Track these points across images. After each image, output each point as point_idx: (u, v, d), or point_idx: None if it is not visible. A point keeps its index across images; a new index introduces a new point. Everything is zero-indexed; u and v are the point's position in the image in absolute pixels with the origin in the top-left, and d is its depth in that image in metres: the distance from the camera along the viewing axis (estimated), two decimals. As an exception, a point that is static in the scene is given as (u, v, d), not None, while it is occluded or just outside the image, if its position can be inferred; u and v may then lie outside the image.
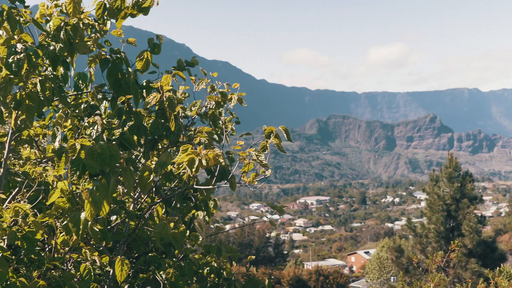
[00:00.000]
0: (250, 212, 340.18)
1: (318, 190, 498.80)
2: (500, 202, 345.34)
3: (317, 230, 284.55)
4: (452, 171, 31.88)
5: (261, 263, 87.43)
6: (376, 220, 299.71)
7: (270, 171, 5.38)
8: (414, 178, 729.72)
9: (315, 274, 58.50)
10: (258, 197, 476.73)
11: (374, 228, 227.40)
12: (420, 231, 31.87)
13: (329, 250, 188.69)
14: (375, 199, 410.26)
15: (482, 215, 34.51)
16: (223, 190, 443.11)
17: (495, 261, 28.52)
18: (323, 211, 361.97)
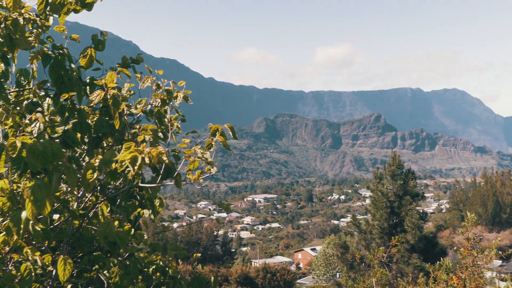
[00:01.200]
0: (198, 211, 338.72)
1: (265, 188, 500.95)
2: (441, 198, 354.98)
3: (264, 227, 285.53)
4: (395, 169, 32.62)
5: (209, 261, 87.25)
6: (323, 217, 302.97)
7: (216, 168, 5.39)
8: (359, 176, 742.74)
9: (263, 271, 58.79)
10: (206, 195, 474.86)
11: (320, 225, 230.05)
12: (364, 227, 32.50)
13: (276, 248, 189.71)
14: (322, 197, 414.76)
15: (424, 211, 35.45)
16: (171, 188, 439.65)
17: (436, 255, 29.35)
18: (271, 208, 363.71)
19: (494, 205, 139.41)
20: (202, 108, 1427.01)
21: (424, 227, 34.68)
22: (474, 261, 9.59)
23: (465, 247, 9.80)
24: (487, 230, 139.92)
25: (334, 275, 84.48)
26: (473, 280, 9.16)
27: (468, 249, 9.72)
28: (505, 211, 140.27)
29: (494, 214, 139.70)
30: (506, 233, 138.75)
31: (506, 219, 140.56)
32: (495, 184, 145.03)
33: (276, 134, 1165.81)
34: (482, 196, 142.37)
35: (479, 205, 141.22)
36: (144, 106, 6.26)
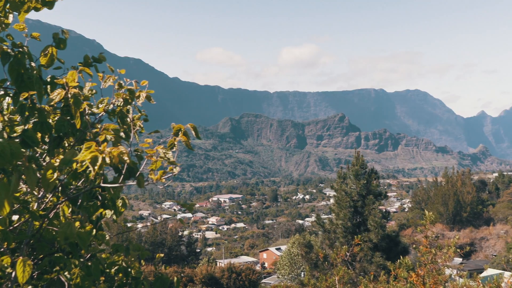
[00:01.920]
0: (162, 211, 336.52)
1: (231, 188, 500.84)
2: (403, 198, 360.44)
3: (230, 227, 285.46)
4: (358, 169, 32.97)
5: (173, 262, 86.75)
6: (288, 217, 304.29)
7: (178, 168, 5.37)
8: (324, 175, 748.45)
9: (228, 271, 58.74)
10: (170, 195, 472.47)
11: (285, 225, 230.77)
12: (328, 227, 32.75)
13: (241, 248, 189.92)
14: (287, 197, 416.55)
15: (387, 210, 35.94)
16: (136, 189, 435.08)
17: (399, 254, 29.78)
18: (236, 209, 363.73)
19: (455, 204, 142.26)
20: (166, 108, 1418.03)
21: (386, 226, 35.14)
22: (433, 259, 9.79)
23: (424, 245, 10.00)
24: (448, 228, 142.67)
25: (299, 274, 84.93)
26: (431, 277, 9.35)
27: (427, 247, 9.92)
28: (465, 209, 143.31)
29: (455, 212, 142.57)
30: (466, 231, 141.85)
31: (466, 218, 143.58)
32: (455, 184, 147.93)
33: (241, 134, 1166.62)
34: (443, 195, 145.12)
35: (440, 204, 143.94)
36: (106, 106, 6.20)
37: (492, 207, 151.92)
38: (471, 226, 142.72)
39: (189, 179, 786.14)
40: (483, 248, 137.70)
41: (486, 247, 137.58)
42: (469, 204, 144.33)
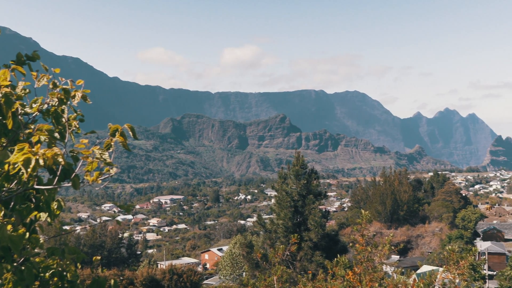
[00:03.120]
0: (102, 213, 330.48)
1: (172, 189, 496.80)
2: (343, 197, 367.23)
3: (171, 229, 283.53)
4: (299, 169, 33.31)
5: (113, 265, 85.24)
6: (229, 217, 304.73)
7: (115, 169, 5.29)
8: (265, 176, 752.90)
9: (169, 273, 58.22)
10: (110, 197, 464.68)
11: (227, 225, 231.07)
12: (269, 226, 32.97)
13: (183, 249, 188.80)
14: (228, 197, 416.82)
15: (327, 210, 36.54)
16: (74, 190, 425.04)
17: (338, 252, 30.27)
18: (177, 210, 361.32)
19: (392, 202, 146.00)
20: (106, 108, 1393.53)
21: (326, 225, 35.67)
22: (369, 257, 10.01)
23: (360, 243, 10.21)
24: (386, 227, 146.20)
25: (241, 275, 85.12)
26: (368, 274, 9.55)
27: (363, 245, 10.13)
28: (402, 208, 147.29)
29: (392, 211, 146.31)
30: (403, 229, 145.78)
31: (403, 216, 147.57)
32: (393, 183, 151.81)
33: (182, 134, 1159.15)
34: (381, 194, 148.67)
35: (378, 203, 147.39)
36: (40, 106, 6.04)
37: (428, 206, 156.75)
38: (407, 224, 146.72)
39: (130, 180, 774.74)
40: (419, 245, 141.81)
41: (422, 244, 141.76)
42: (406, 203, 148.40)
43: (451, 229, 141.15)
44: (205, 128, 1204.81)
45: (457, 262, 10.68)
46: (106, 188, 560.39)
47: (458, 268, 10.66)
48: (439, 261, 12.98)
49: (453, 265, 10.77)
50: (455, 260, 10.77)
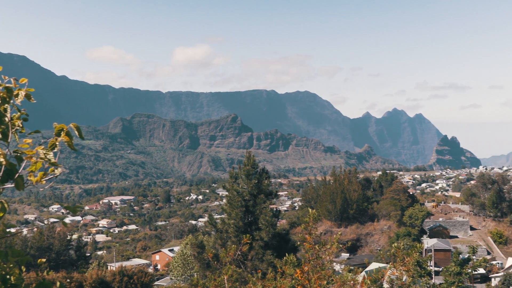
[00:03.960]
0: (50, 214, 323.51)
1: (122, 190, 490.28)
2: (294, 196, 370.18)
3: (121, 230, 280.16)
4: (250, 169, 33.42)
5: (62, 267, 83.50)
6: (181, 217, 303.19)
7: (60, 170, 5.19)
8: (217, 176, 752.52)
9: (119, 274, 57.44)
10: (58, 198, 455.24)
11: (178, 226, 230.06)
12: (221, 226, 32.96)
13: (133, 250, 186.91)
14: (180, 197, 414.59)
15: (278, 209, 36.76)
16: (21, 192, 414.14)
17: (289, 251, 30.49)
18: (128, 210, 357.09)
19: (342, 201, 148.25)
20: (53, 108, 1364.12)
21: (277, 224, 35.90)
22: (317, 255, 10.14)
23: (308, 242, 10.33)
24: (336, 225, 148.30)
25: (192, 275, 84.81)
26: (315, 272, 9.68)
27: (311, 244, 10.26)
28: (352, 207, 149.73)
29: (342, 210, 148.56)
30: (353, 227, 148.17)
31: (353, 215, 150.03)
32: (343, 182, 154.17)
33: (133, 134, 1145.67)
34: (331, 193, 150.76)
35: (328, 202, 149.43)
36: (-19, 105, 5.87)
37: (377, 204, 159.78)
38: (357, 223, 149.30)
39: (79, 181, 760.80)
40: (368, 243, 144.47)
41: (371, 242, 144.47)
42: (355, 202, 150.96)
43: (399, 227, 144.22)
44: (155, 128, 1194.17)
45: (403, 259, 10.94)
46: (54, 189, 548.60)
47: (404, 265, 10.93)
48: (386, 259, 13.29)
49: (399, 262, 11.03)
50: (401, 257, 11.03)
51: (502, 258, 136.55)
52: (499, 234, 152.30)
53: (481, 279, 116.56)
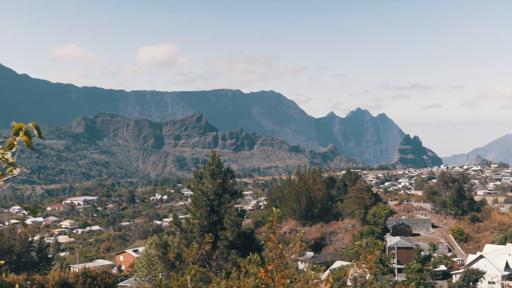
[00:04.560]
0: (10, 216, 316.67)
1: (85, 190, 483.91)
2: (259, 196, 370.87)
3: (84, 231, 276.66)
4: (215, 168, 33.38)
5: (23, 269, 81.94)
6: (145, 218, 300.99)
7: (19, 170, 5.11)
8: (181, 175, 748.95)
9: (82, 276, 56.68)
10: (20, 199, 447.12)
11: (142, 226, 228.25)
12: (185, 226, 32.83)
13: (97, 251, 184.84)
14: (144, 197, 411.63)
15: (242, 208, 36.82)
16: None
17: (254, 251, 30.50)
18: (91, 211, 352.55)
19: (307, 200, 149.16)
20: (14, 107, 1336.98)
21: (243, 223, 35.94)
22: (281, 253, 10.20)
23: (272, 241, 10.38)
24: (301, 224, 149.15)
25: (157, 276, 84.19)
26: (279, 271, 9.73)
27: (274, 243, 10.32)
28: (316, 206, 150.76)
29: (307, 209, 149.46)
30: (317, 226, 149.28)
31: (317, 214, 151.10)
32: (307, 181, 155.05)
33: (96, 134, 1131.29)
34: (296, 192, 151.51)
35: (293, 201, 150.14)
36: None
37: (341, 203, 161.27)
38: (322, 221, 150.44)
39: (40, 181, 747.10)
40: (333, 241, 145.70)
41: (335, 240, 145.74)
42: (320, 201, 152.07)
43: (363, 225, 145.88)
44: (119, 128, 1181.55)
45: (365, 257, 11.08)
46: (15, 190, 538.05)
47: (366, 263, 11.07)
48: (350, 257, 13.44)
49: (361, 260, 11.16)
50: (363, 255, 11.17)
51: (463, 255, 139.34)
52: (459, 232, 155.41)
53: (443, 276, 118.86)
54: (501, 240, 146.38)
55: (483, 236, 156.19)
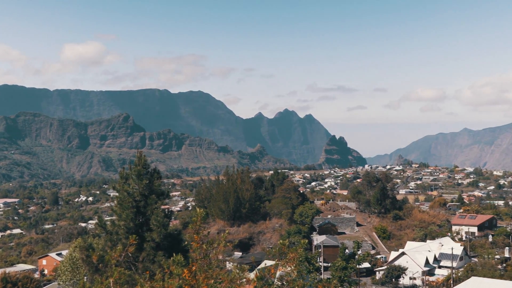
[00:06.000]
0: None
1: (5, 192, 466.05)
2: (188, 196, 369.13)
3: (4, 234, 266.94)
4: (141, 169, 32.93)
5: None
6: (70, 220, 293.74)
7: None
8: (108, 176, 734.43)
9: (2, 281, 54.81)
10: None
11: (67, 229, 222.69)
12: (110, 228, 32.25)
13: (18, 255, 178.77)
14: (68, 199, 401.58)
15: (170, 209, 36.52)
16: None
17: (181, 252, 30.34)
18: (12, 214, 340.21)
19: (235, 201, 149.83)
20: None
21: (170, 224, 35.68)
22: (205, 254, 10.25)
23: (195, 241, 10.42)
24: (229, 224, 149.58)
25: (82, 279, 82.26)
26: (203, 271, 9.78)
27: (198, 243, 10.36)
28: (244, 206, 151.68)
29: (235, 209, 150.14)
30: (245, 226, 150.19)
31: (245, 214, 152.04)
32: (235, 182, 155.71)
33: (17, 134, 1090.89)
34: (224, 193, 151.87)
35: (222, 202, 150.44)
36: None
37: (269, 203, 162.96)
38: (250, 221, 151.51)
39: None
40: (260, 241, 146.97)
41: (263, 240, 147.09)
42: (248, 201, 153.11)
43: (290, 225, 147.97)
44: (42, 127, 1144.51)
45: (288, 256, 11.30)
46: None
47: (290, 261, 11.30)
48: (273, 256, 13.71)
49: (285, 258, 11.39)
50: (287, 254, 11.39)
51: (386, 252, 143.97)
52: (383, 230, 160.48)
53: (366, 273, 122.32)
54: (422, 237, 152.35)
55: (404, 234, 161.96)
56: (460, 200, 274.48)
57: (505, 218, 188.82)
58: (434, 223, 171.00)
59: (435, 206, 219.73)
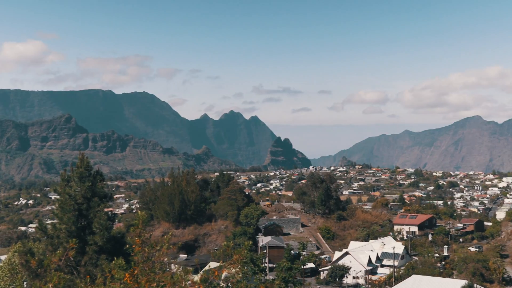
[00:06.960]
0: None
1: None
2: (132, 199, 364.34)
3: None
4: (83, 171, 32.29)
5: None
6: (9, 224, 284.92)
7: None
8: (49, 179, 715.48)
9: None
10: None
11: (6, 233, 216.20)
12: (51, 232, 31.46)
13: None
14: (7, 202, 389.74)
15: (113, 212, 35.95)
16: None
17: (125, 255, 29.91)
18: None
19: (180, 202, 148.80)
20: None
21: (114, 227, 35.08)
22: (147, 257, 10.11)
23: (137, 244, 10.26)
24: (174, 226, 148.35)
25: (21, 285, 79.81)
26: (144, 275, 9.64)
27: (140, 246, 10.20)
28: (190, 208, 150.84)
29: (180, 211, 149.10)
30: (191, 228, 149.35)
31: (191, 215, 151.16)
32: (181, 183, 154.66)
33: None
34: (169, 195, 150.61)
35: (167, 204, 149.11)
36: None
37: (214, 204, 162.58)
38: (195, 223, 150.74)
39: None
40: (206, 243, 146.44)
41: (209, 242, 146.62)
42: (193, 203, 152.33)
43: (235, 226, 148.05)
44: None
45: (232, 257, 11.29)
46: None
47: (234, 263, 11.28)
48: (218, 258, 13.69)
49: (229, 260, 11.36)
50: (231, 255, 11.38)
51: (330, 252, 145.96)
52: (327, 230, 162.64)
53: (311, 273, 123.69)
54: (365, 237, 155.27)
55: (348, 234, 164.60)
56: (401, 200, 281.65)
57: (444, 217, 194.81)
58: (376, 223, 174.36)
59: (378, 206, 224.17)
